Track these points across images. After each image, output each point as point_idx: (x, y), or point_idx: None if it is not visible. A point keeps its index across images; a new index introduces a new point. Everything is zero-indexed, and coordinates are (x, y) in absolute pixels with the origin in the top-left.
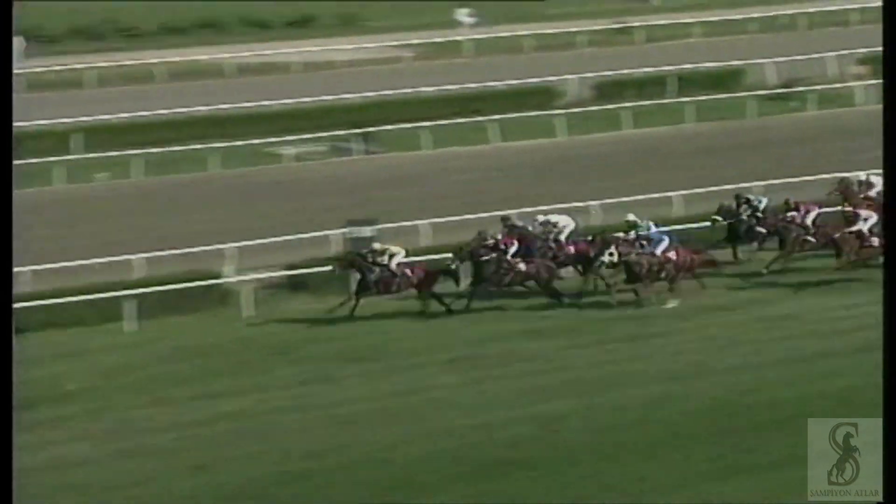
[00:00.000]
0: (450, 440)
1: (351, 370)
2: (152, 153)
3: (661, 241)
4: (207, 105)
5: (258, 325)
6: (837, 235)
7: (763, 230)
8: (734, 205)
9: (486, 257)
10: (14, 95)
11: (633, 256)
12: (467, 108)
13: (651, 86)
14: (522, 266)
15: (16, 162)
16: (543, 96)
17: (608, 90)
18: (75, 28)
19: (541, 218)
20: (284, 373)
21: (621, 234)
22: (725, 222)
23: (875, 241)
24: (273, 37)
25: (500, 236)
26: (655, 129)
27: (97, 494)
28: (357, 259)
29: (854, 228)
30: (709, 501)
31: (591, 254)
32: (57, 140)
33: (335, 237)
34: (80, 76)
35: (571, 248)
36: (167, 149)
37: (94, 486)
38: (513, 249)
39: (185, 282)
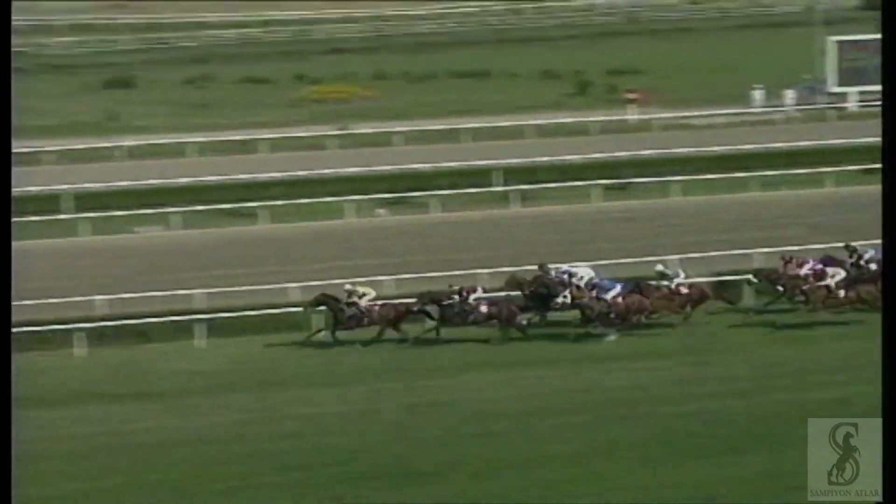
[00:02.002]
0: None
1: None
2: None
3: (612, 288)
4: None
5: None
6: (807, 287)
7: None
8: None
9: (448, 301)
10: None
11: (585, 300)
12: None
13: None
14: (483, 308)
15: None
16: None
17: None
18: None
19: (563, 268)
20: None
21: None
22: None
23: (841, 293)
24: None
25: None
26: None
27: None
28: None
29: (823, 283)
30: None
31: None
32: None
33: None
34: None
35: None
36: None
37: None
38: (475, 295)
39: None
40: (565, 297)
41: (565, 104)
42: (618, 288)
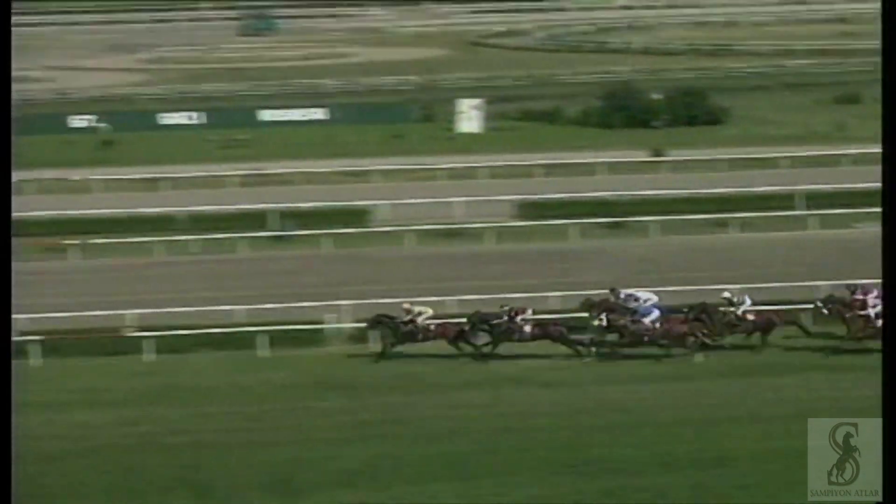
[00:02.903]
0: None
1: None
2: None
3: (650, 312)
4: None
5: None
6: (848, 315)
7: None
8: None
9: (497, 321)
10: None
11: (620, 322)
12: None
13: None
14: (528, 328)
15: None
16: None
17: None
18: None
19: (628, 291)
20: None
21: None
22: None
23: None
24: None
25: None
26: None
27: None
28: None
29: (863, 312)
30: None
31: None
32: None
33: None
34: None
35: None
36: None
37: None
38: (522, 316)
39: None
40: (601, 320)
41: None
42: (656, 313)
